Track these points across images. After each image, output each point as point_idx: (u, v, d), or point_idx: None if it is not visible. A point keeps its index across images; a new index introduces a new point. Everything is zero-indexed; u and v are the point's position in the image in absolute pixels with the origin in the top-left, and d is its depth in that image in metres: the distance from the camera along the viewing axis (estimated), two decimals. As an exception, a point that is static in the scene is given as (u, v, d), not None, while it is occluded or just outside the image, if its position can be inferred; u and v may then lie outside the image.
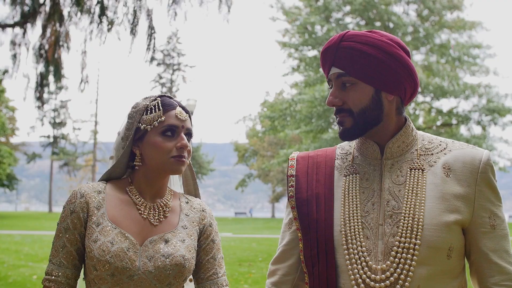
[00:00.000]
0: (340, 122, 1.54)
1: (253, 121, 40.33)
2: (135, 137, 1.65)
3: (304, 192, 1.61)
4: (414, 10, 19.02)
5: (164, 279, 1.56)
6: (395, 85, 1.50)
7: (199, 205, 1.76)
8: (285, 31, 18.72)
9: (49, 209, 52.53)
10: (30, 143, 51.67)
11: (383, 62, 1.48)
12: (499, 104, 17.73)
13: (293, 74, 19.17)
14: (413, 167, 1.52)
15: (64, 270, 1.58)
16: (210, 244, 1.71)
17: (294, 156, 1.73)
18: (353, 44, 1.49)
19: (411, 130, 1.58)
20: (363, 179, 1.56)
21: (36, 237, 18.72)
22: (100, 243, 1.53)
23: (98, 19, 7.28)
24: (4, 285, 8.09)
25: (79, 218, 1.59)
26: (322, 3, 17.84)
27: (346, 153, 1.67)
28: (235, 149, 51.17)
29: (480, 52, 18.84)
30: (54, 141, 49.19)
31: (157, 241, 1.59)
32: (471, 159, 1.50)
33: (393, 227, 1.46)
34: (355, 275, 1.45)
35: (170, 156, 1.60)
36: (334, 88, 1.53)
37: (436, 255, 1.42)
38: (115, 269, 1.51)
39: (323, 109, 16.83)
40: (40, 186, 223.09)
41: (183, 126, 1.64)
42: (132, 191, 1.66)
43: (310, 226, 1.56)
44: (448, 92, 17.88)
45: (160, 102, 1.65)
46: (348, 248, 1.48)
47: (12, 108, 42.62)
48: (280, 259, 1.68)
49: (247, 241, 18.22)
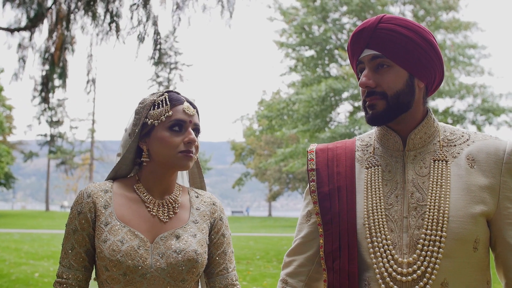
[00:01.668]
0: (371, 106, 1.48)
1: (250, 120, 40.45)
2: (142, 133, 1.63)
3: (326, 186, 1.58)
4: (410, 10, 19.17)
5: (177, 275, 1.53)
6: (428, 72, 1.49)
7: (209, 198, 1.73)
8: (283, 31, 18.83)
9: (46, 208, 52.48)
10: (27, 142, 51.63)
11: (421, 47, 1.46)
12: (493, 104, 17.91)
13: (290, 74, 19.29)
14: (437, 158, 1.49)
15: (74, 272, 1.56)
16: (221, 239, 1.69)
17: (313, 148, 1.68)
18: (392, 26, 1.47)
19: (432, 121, 1.55)
20: (386, 171, 1.53)
21: (35, 235, 18.81)
22: (110, 243, 1.51)
23: (108, 26, 7.45)
24: (8, 282, 8.21)
25: (86, 219, 1.56)
26: (319, 3, 17.98)
27: (366, 145, 1.64)
28: (232, 148, 51.25)
29: (475, 52, 19.01)
30: (51, 139, 49.16)
31: (168, 238, 1.56)
32: (495, 149, 1.47)
33: (418, 219, 1.43)
34: (380, 269, 1.42)
35: (178, 151, 1.57)
36: (368, 70, 1.48)
37: (462, 247, 1.39)
38: (127, 268, 1.49)
39: (320, 108, 16.98)
40: (36, 185, 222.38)
41: (191, 121, 1.62)
42: (140, 188, 1.63)
43: (333, 220, 1.53)
44: (444, 92, 18.03)
45: (167, 97, 1.63)
46: (372, 241, 1.45)
47: (9, 106, 42.60)
48: (296, 251, 1.65)
49: (245, 240, 18.35)
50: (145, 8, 7.66)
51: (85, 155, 51.15)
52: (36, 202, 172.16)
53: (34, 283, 8.25)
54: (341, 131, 16.10)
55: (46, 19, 7.41)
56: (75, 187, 56.31)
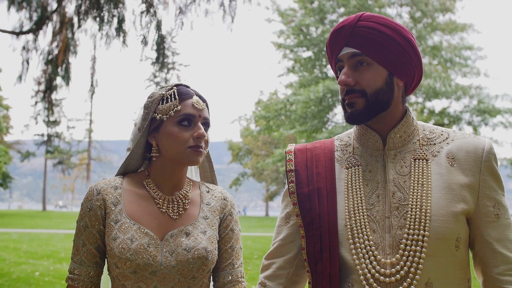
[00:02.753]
0: (351, 104, 1.47)
1: (248, 121, 40.52)
2: (151, 128, 1.61)
3: (305, 187, 1.55)
4: (407, 12, 19.31)
5: (187, 273, 1.51)
6: (407, 70, 1.48)
7: (220, 193, 1.70)
8: (280, 32, 18.94)
9: (43, 208, 52.43)
10: (24, 142, 51.56)
11: (400, 45, 1.45)
12: (489, 105, 18.05)
13: (288, 75, 19.41)
14: (417, 157, 1.48)
15: (85, 268, 1.56)
16: (229, 234, 1.65)
17: (291, 149, 1.66)
18: (372, 24, 1.45)
19: (411, 119, 1.54)
20: (366, 171, 1.51)
21: (33, 235, 18.84)
22: (120, 241, 1.50)
23: (115, 31, 7.56)
24: (9, 281, 8.28)
25: (96, 216, 1.56)
26: (316, 5, 18.10)
27: (345, 145, 1.62)
28: (229, 148, 51.28)
29: (472, 53, 19.15)
30: (48, 139, 49.11)
31: (178, 235, 1.55)
32: (474, 148, 1.47)
33: (400, 219, 1.41)
34: (363, 270, 1.40)
35: (187, 146, 1.55)
36: (347, 68, 1.46)
37: (444, 246, 1.39)
38: (137, 266, 1.48)
39: (318, 109, 17.10)
40: (33, 185, 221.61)
41: (200, 115, 1.59)
42: (150, 184, 1.61)
43: (313, 222, 1.50)
44: (440, 93, 18.17)
45: (176, 91, 1.60)
46: (354, 242, 1.43)
47: (6, 106, 42.56)
48: (275, 253, 1.61)
49: (242, 239, 18.29)
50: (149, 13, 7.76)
51: (82, 155, 51.11)
52: (33, 202, 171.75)
53: (35, 282, 8.32)
54: (338, 131, 16.20)
55: (51, 22, 7.51)
56: (72, 187, 56.30)
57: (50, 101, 8.57)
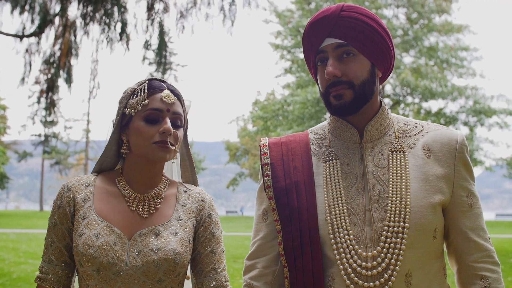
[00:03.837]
0: (338, 96, 1.44)
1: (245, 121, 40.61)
2: (122, 123, 1.54)
3: (282, 181, 1.51)
4: (404, 13, 19.44)
5: (153, 275, 1.43)
6: (386, 61, 1.48)
7: (198, 194, 1.61)
8: (278, 33, 19.05)
9: (40, 208, 52.40)
10: (21, 142, 51.53)
11: (381, 35, 1.45)
12: (485, 105, 18.18)
13: (285, 75, 19.51)
14: (394, 149, 1.48)
15: (53, 267, 1.50)
16: (209, 237, 1.57)
17: (266, 142, 1.62)
18: (355, 14, 1.44)
19: (386, 112, 1.54)
20: (344, 164, 1.50)
21: (31, 235, 18.89)
22: (85, 237, 1.44)
23: (118, 36, 7.66)
24: (9, 280, 8.35)
25: (65, 213, 1.50)
26: (314, 6, 18.20)
27: (321, 138, 1.59)
28: (226, 148, 51.32)
29: (467, 54, 19.29)
30: (45, 139, 49.09)
31: (147, 235, 1.47)
32: (448, 139, 1.49)
33: (381, 211, 1.41)
34: (344, 265, 1.39)
35: (152, 142, 1.47)
36: (332, 59, 1.43)
37: (423, 237, 1.40)
38: (100, 264, 1.41)
39: (315, 110, 17.21)
40: (29, 185, 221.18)
41: (169, 109, 1.50)
42: (121, 182, 1.54)
43: (292, 217, 1.47)
44: (436, 94, 18.30)
45: (146, 85, 1.53)
46: (335, 237, 1.41)
47: (3, 106, 42.53)
48: (258, 253, 1.57)
49: (240, 239, 18.50)
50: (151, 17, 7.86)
51: (79, 155, 51.11)
52: (29, 202, 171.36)
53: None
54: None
55: (53, 25, 7.61)
56: (69, 187, 55.99)
57: (52, 102, 8.66)
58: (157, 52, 8.09)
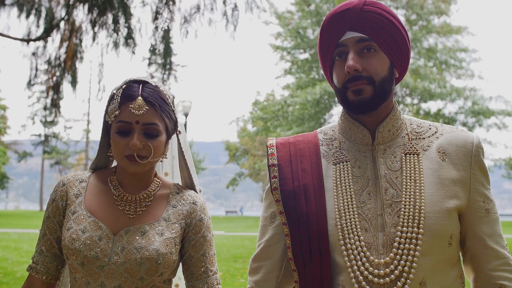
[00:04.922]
0: (358, 91, 1.37)
1: (245, 122, 40.68)
2: (107, 128, 1.55)
3: (290, 183, 1.46)
4: (403, 15, 19.56)
5: (135, 272, 1.44)
6: (404, 61, 1.44)
7: (190, 196, 1.59)
8: (278, 34, 19.17)
9: (40, 208, 52.48)
10: (21, 142, 51.62)
11: (402, 35, 1.41)
12: (483, 106, 18.30)
13: (285, 76, 19.63)
14: (408, 151, 1.42)
15: (44, 258, 1.54)
16: (200, 240, 1.56)
17: (273, 142, 1.57)
18: (378, 10, 1.39)
19: (399, 113, 1.48)
20: (355, 167, 1.44)
21: (32, 235, 18.95)
22: (72, 231, 1.47)
23: (124, 41, 7.78)
24: (13, 279, 8.44)
25: (57, 207, 1.54)
26: (313, 8, 18.33)
27: (330, 139, 1.54)
28: (226, 148, 51.40)
29: (466, 56, 19.41)
30: (45, 139, 49.16)
31: (134, 232, 1.48)
32: (463, 142, 1.43)
33: (394, 217, 1.35)
34: (354, 272, 1.33)
35: (123, 155, 1.46)
36: (353, 53, 1.38)
37: (439, 244, 1.33)
38: (84, 258, 1.43)
39: (315, 110, 17.33)
40: (29, 185, 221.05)
41: (138, 121, 1.44)
42: (113, 181, 1.56)
43: (300, 221, 1.42)
44: (435, 95, 18.41)
45: (121, 92, 1.47)
46: (345, 243, 1.35)
47: (4, 106, 42.62)
48: (262, 255, 1.54)
49: (240, 239, 18.57)
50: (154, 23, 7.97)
51: (79, 155, 51.20)
52: (29, 202, 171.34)
53: (38, 281, 8.46)
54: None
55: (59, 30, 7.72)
56: (69, 187, 56.06)
57: (55, 103, 8.77)
58: (163, 59, 8.21)
